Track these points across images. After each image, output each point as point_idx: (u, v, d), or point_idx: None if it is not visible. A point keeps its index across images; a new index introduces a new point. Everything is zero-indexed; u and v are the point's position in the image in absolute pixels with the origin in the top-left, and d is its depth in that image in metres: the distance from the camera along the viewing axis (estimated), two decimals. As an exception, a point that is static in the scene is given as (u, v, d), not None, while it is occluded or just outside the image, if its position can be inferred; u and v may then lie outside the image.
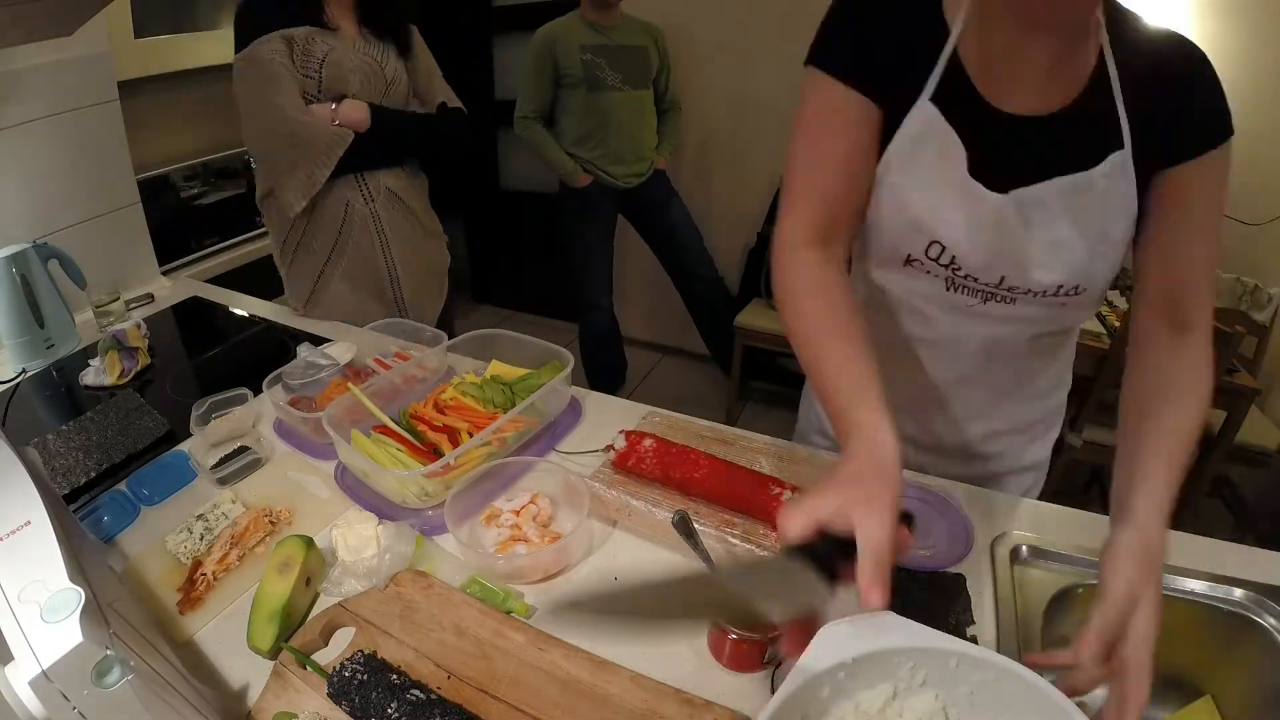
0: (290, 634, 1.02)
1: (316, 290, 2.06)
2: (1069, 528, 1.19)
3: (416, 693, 0.90)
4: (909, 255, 1.10)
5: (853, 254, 1.20)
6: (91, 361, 1.79)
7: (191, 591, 1.11)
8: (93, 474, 1.41)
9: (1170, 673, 1.06)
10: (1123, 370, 1.04)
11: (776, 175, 3.68)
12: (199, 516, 1.26)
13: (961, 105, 0.99)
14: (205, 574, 1.14)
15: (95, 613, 0.72)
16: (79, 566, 0.77)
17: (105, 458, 1.45)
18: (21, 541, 0.79)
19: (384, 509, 1.25)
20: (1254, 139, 2.66)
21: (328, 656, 1.00)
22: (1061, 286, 1.05)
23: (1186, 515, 2.82)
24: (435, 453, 1.29)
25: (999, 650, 0.97)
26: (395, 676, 0.92)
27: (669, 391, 4.20)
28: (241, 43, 1.82)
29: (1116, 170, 0.97)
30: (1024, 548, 1.14)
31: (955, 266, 1.08)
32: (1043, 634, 1.05)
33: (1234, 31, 2.63)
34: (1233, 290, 3.00)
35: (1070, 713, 0.65)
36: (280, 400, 1.51)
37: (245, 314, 2.16)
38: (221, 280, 2.80)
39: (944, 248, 1.06)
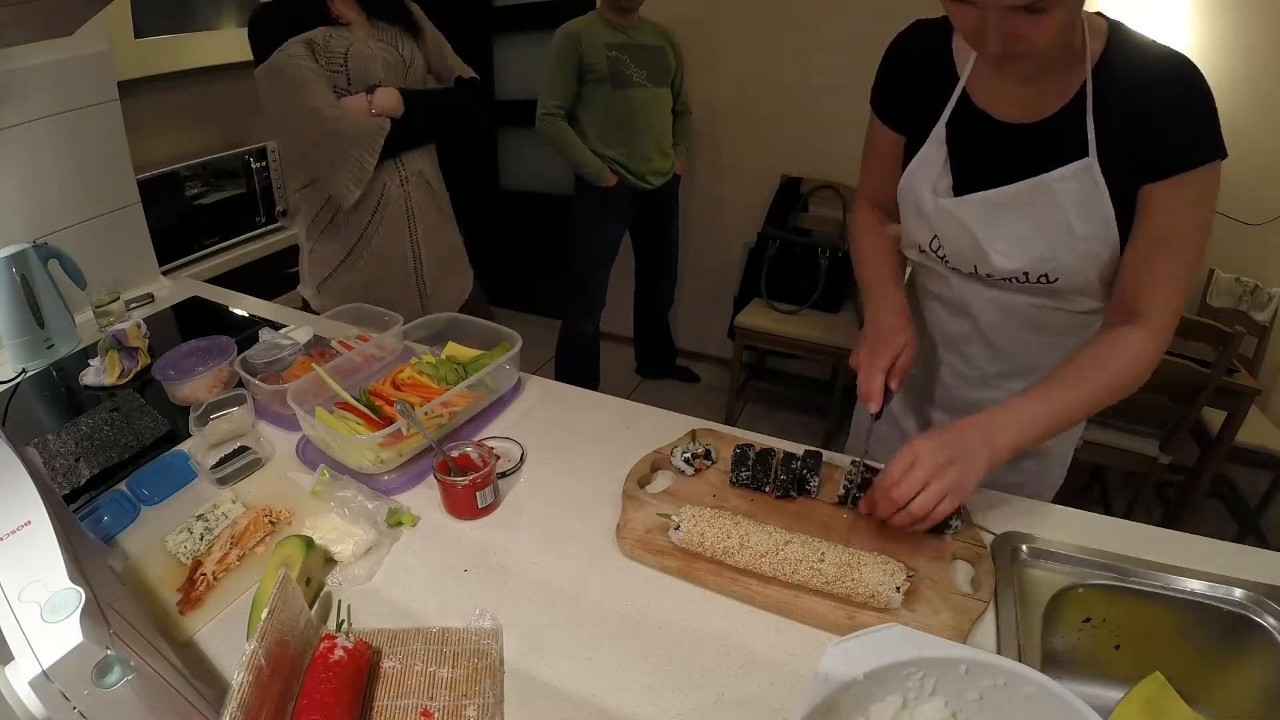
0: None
1: (337, 272, 2.10)
2: (1069, 527, 1.19)
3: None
4: (920, 245, 1.35)
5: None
6: (91, 361, 1.79)
7: (191, 591, 1.11)
8: (93, 474, 1.41)
9: (1171, 674, 1.06)
10: None
11: (776, 176, 3.70)
12: (199, 516, 1.26)
13: (966, 121, 1.21)
14: (205, 574, 1.14)
15: (95, 613, 0.72)
16: (79, 566, 0.77)
17: (105, 458, 1.45)
18: (22, 541, 0.78)
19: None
20: (1253, 139, 2.68)
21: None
22: (1028, 273, 1.23)
23: (1186, 514, 2.83)
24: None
25: (999, 652, 0.98)
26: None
27: (669, 393, 4.19)
28: (260, 54, 1.84)
29: (1079, 175, 1.11)
30: (1024, 548, 1.14)
31: (945, 259, 1.32)
32: (1043, 634, 1.05)
33: (1232, 31, 2.62)
34: (1233, 290, 3.00)
35: (1083, 713, 0.65)
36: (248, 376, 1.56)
37: (245, 314, 2.16)
38: (221, 280, 2.81)
39: (940, 244, 1.31)
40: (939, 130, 1.22)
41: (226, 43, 3.17)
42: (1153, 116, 1.05)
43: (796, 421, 3.86)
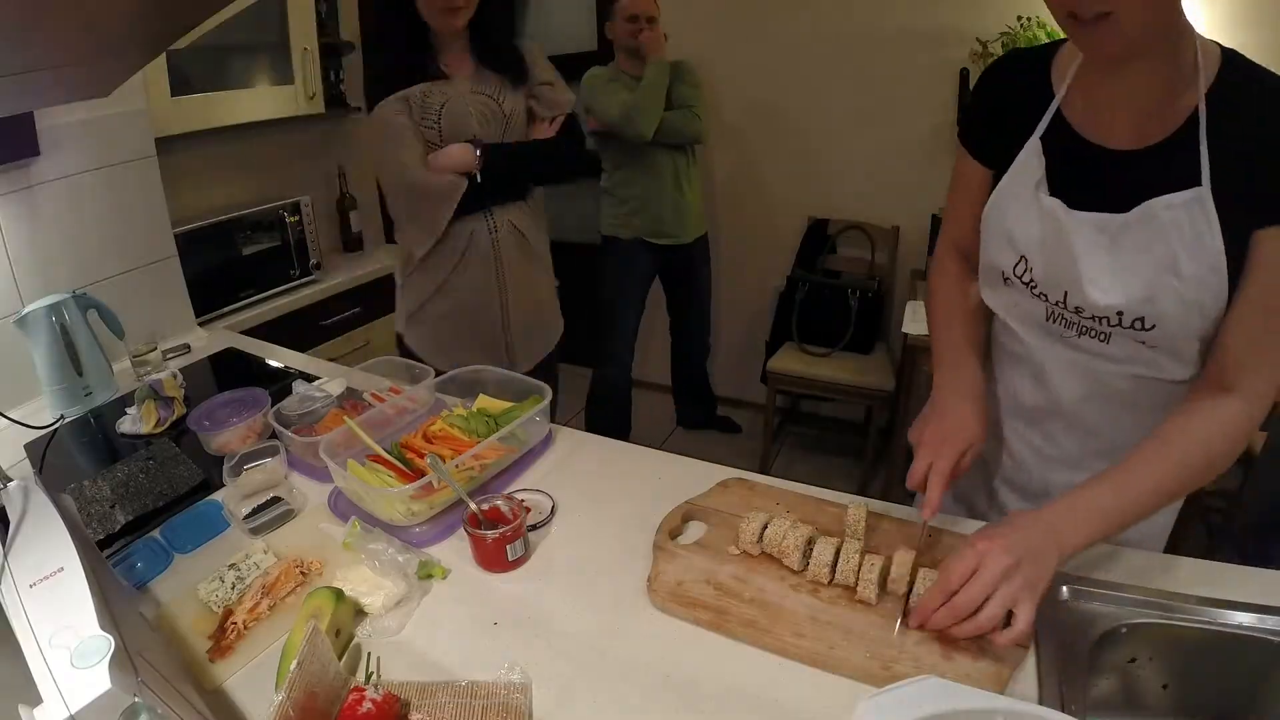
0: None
1: (424, 307, 2.13)
2: (1111, 565, 1.16)
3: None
4: (1004, 273, 1.23)
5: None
6: (128, 410, 1.82)
7: (222, 639, 1.11)
8: (127, 521, 1.42)
9: (1224, 710, 1.03)
10: None
11: (803, 219, 3.70)
12: (231, 565, 1.26)
13: (1060, 143, 1.12)
14: (236, 623, 1.14)
15: (124, 660, 0.72)
16: (110, 614, 0.77)
17: (140, 505, 1.46)
18: (54, 587, 0.79)
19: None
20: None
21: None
22: (1122, 313, 1.09)
23: (1231, 541, 2.72)
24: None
25: (1041, 700, 0.95)
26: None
27: (705, 441, 4.17)
28: (369, 105, 1.97)
29: (1189, 206, 1.00)
30: (1065, 589, 1.11)
31: (1034, 284, 1.18)
32: (1088, 677, 1.02)
33: (1251, 41, 2.60)
34: None
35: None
36: (281, 429, 1.57)
37: (280, 365, 2.18)
38: (256, 331, 2.84)
39: (1028, 266, 1.18)
40: (1033, 142, 1.14)
41: (261, 100, 3.24)
42: (1271, 154, 0.96)
43: (832, 465, 3.82)
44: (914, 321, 2.91)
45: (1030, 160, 1.14)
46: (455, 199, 1.95)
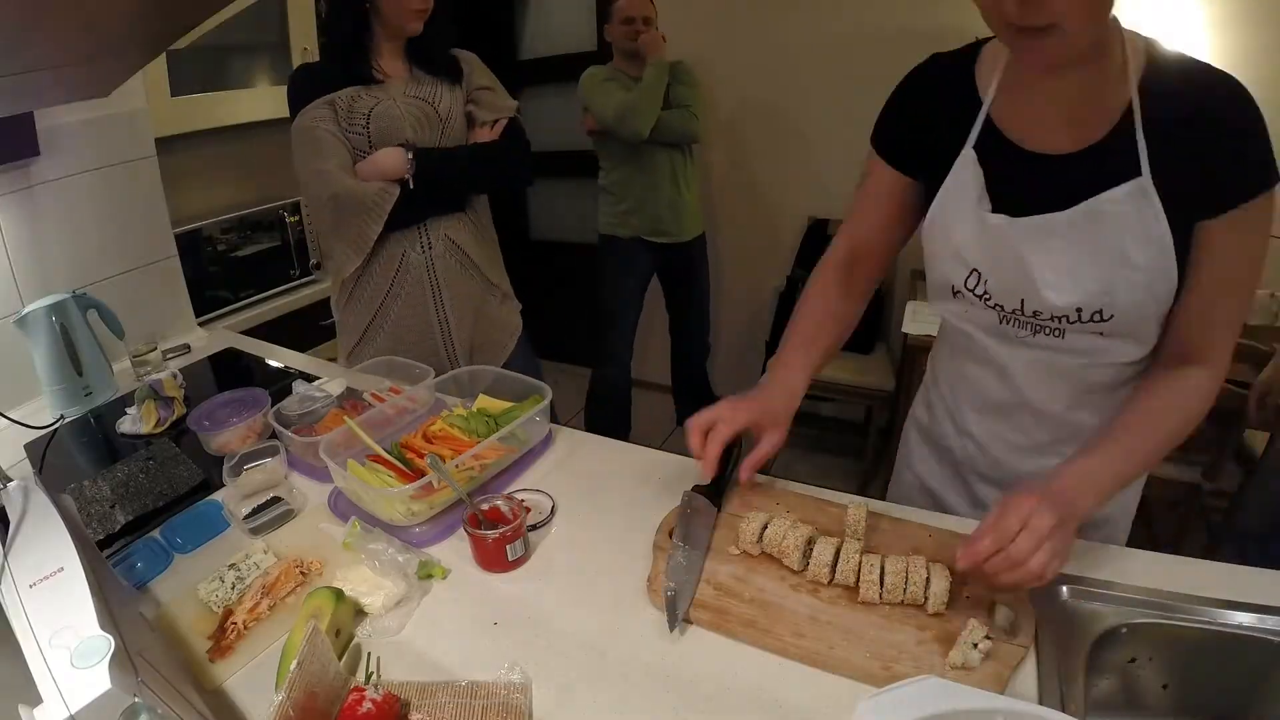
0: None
1: (362, 343, 2.08)
2: (1111, 565, 1.15)
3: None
4: (953, 287, 1.23)
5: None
6: (128, 410, 1.82)
7: (222, 640, 1.11)
8: (127, 521, 1.42)
9: (1224, 710, 1.03)
10: None
11: (804, 219, 3.71)
12: (231, 565, 1.26)
13: (995, 153, 1.12)
14: (236, 623, 1.14)
15: (124, 660, 0.72)
16: (110, 614, 0.77)
17: (140, 505, 1.46)
18: (54, 587, 0.79)
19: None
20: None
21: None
22: (1080, 309, 1.12)
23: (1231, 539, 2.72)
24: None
25: (1041, 699, 0.95)
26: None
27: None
28: (293, 113, 1.87)
29: (1133, 198, 1.03)
30: (1065, 588, 1.11)
31: (987, 296, 1.19)
32: (1087, 676, 1.02)
33: (1252, 40, 2.60)
34: (1267, 307, 2.92)
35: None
36: (281, 429, 1.57)
37: (280, 365, 2.18)
38: (256, 331, 2.84)
39: (980, 278, 1.19)
40: (967, 153, 1.14)
41: (260, 100, 3.25)
42: (1206, 140, 0.99)
43: (832, 465, 3.82)
44: (914, 321, 2.92)
45: (966, 174, 1.15)
46: (384, 209, 1.85)
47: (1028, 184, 1.11)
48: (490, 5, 4.37)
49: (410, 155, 1.86)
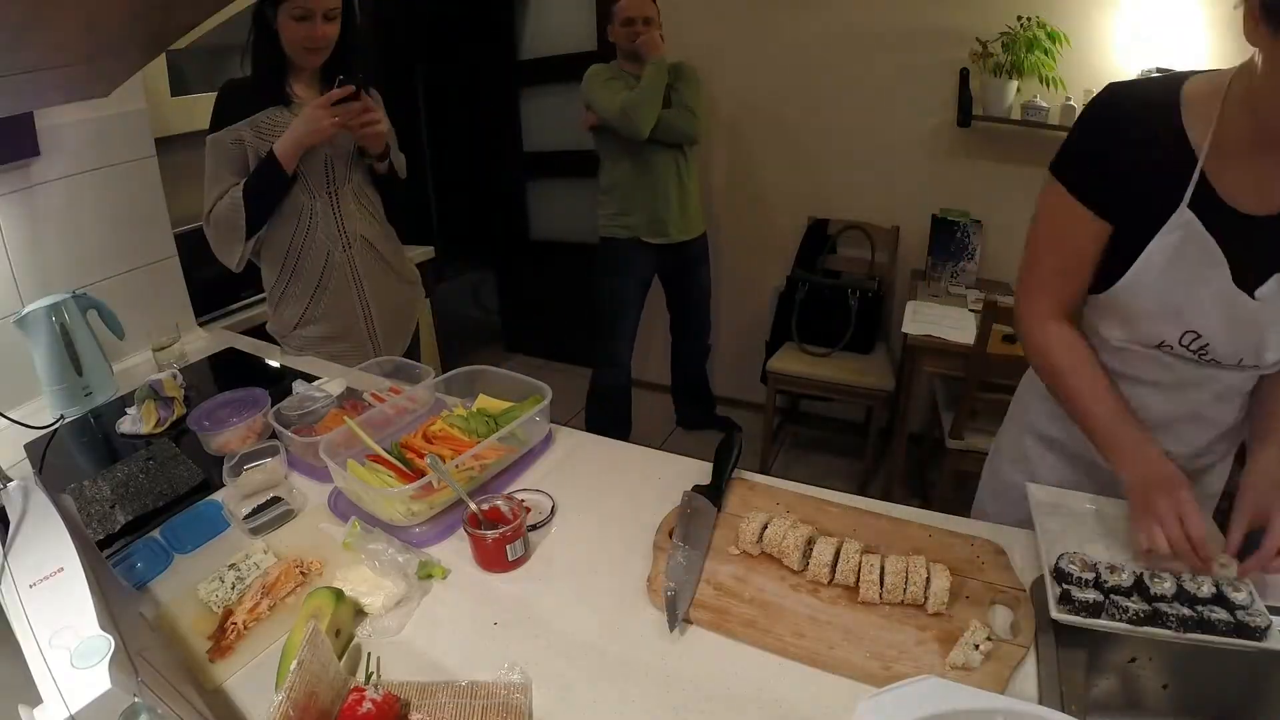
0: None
1: (295, 331, 2.23)
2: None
3: None
4: (1163, 341, 1.20)
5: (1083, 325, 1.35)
6: (128, 410, 1.82)
7: (222, 640, 1.11)
8: (127, 521, 1.42)
9: (1223, 710, 1.04)
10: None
11: (803, 219, 3.70)
12: (231, 566, 1.26)
13: (1213, 215, 1.09)
14: (236, 623, 1.14)
15: (124, 660, 0.72)
16: (110, 613, 0.77)
17: (140, 505, 1.46)
18: (54, 587, 0.79)
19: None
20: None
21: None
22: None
23: None
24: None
25: (1041, 699, 0.95)
26: None
27: (707, 441, 4.16)
28: (213, 122, 2.01)
29: None
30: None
31: (1204, 352, 1.18)
32: (1087, 676, 1.02)
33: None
34: None
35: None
36: (281, 429, 1.58)
37: (278, 365, 2.18)
38: (257, 332, 2.83)
39: (1198, 337, 1.17)
40: (1184, 214, 1.09)
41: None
42: None
43: (832, 465, 3.82)
44: (914, 321, 2.92)
45: (1187, 237, 1.11)
46: (239, 224, 2.01)
47: (1246, 248, 1.09)
48: (490, 5, 4.37)
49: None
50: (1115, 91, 1.15)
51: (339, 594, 1.12)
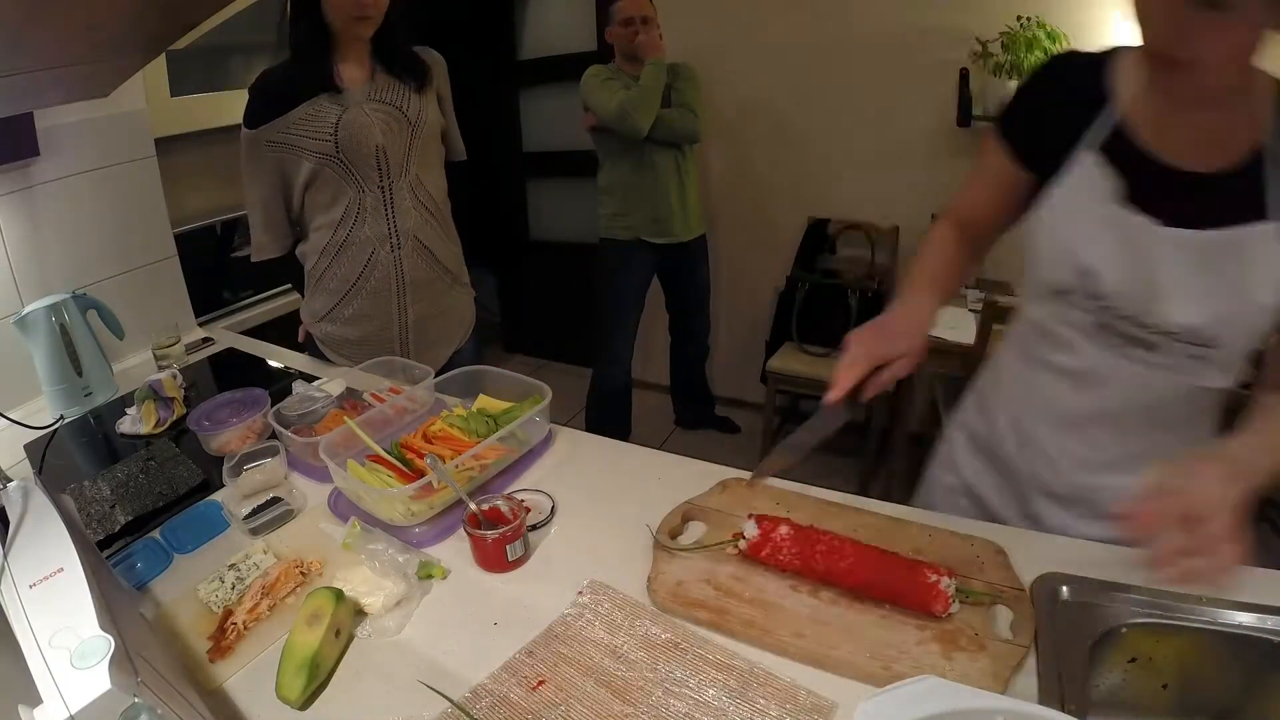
0: (318, 687, 1.01)
1: (323, 322, 2.13)
2: (1111, 566, 1.15)
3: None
4: (1058, 287, 1.21)
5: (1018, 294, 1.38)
6: (128, 410, 1.82)
7: (222, 640, 1.11)
8: (127, 521, 1.42)
9: (1223, 711, 1.03)
10: None
11: (804, 219, 3.70)
12: (231, 566, 1.27)
13: (1127, 158, 1.11)
14: (236, 623, 1.14)
15: (124, 661, 0.72)
16: (110, 614, 0.77)
17: (140, 505, 1.46)
18: (54, 588, 0.79)
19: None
20: None
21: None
22: (1195, 331, 1.11)
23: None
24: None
25: (1041, 700, 0.95)
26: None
27: (705, 441, 4.17)
28: (248, 116, 1.90)
29: (1264, 240, 1.04)
30: (1065, 588, 1.10)
31: (1101, 297, 1.16)
32: (1087, 676, 1.02)
33: None
34: None
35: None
36: (281, 429, 1.57)
37: (280, 365, 2.18)
38: (256, 332, 2.84)
39: (1096, 278, 1.15)
40: (1092, 154, 1.12)
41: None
42: None
43: (831, 464, 3.81)
44: (914, 321, 2.91)
45: (1092, 173, 1.13)
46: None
47: (1165, 195, 1.09)
48: (490, 5, 4.37)
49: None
50: (1060, 56, 1.24)
51: (339, 594, 1.11)
